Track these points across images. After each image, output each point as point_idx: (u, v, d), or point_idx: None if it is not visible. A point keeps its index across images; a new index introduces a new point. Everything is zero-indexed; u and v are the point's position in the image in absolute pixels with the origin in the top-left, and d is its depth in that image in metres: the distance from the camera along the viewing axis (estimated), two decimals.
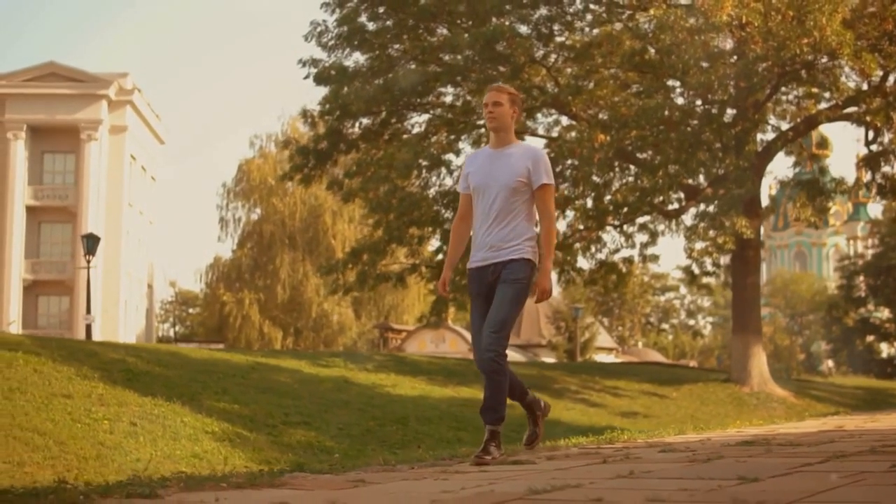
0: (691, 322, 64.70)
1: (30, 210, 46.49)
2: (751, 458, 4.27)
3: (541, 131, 21.06)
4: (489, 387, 4.69)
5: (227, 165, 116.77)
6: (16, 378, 9.88)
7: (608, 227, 20.07)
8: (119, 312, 46.74)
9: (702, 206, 17.82)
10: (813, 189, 18.90)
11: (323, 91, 18.62)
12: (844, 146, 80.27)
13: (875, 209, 54.06)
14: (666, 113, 16.07)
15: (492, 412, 4.70)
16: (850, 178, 21.70)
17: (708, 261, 20.19)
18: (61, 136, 46.60)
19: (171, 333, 62.23)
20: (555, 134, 20.95)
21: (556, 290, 27.71)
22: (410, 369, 15.48)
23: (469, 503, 2.99)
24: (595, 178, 18.24)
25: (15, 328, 42.19)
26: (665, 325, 64.02)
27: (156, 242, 53.49)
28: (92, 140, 46.33)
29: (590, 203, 19.17)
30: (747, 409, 17.04)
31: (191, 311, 65.46)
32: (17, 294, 46.28)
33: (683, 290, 62.60)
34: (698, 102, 17.83)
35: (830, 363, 53.09)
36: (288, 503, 3.07)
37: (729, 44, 16.66)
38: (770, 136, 20.08)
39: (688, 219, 19.65)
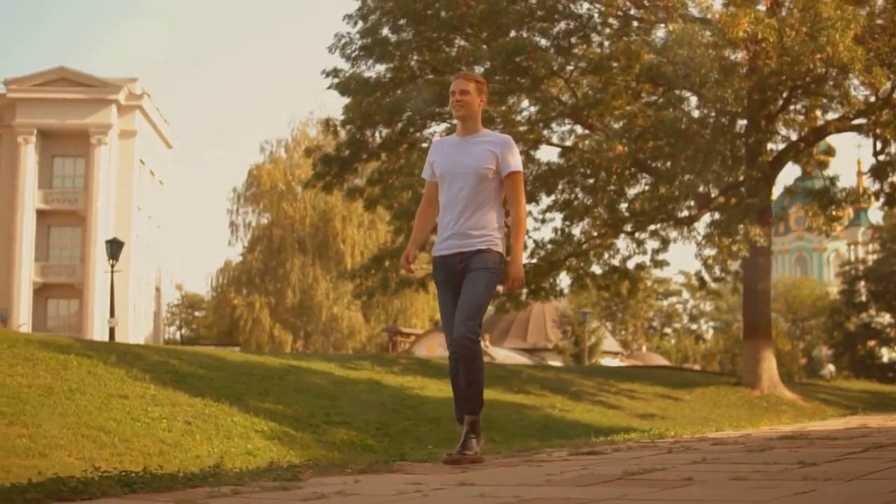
0: (693, 326, 65.35)
1: (40, 213, 46.91)
2: (800, 449, 4.78)
3: (555, 140, 21.63)
4: (465, 374, 4.60)
5: (232, 169, 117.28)
6: (73, 379, 10.40)
7: (621, 235, 20.63)
8: (128, 316, 47.19)
9: (716, 215, 18.39)
10: (824, 198, 19.49)
11: (335, 97, 19.18)
12: (846, 152, 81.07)
13: (876, 214, 54.59)
14: (683, 125, 16.63)
15: (470, 402, 4.66)
16: (852, 183, 22.25)
17: (717, 267, 20.78)
18: (71, 140, 47.02)
19: (178, 336, 62.75)
20: (568, 143, 21.53)
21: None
22: (435, 372, 16.00)
23: (579, 482, 3.51)
24: (611, 186, 18.80)
25: (25, 331, 42.60)
26: (668, 330, 64.63)
27: (163, 246, 53.98)
28: (102, 144, 46.79)
29: (605, 212, 19.68)
30: (758, 411, 17.55)
31: (196, 314, 66.00)
32: (26, 297, 46.70)
33: (686, 294, 63.24)
34: (712, 114, 18.39)
35: (831, 367, 53.59)
36: (423, 483, 3.58)
37: (740, 56, 17.20)
38: (780, 145, 20.67)
39: (700, 226, 20.26)
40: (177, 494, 3.33)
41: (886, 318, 46.73)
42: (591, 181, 18.55)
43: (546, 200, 20.30)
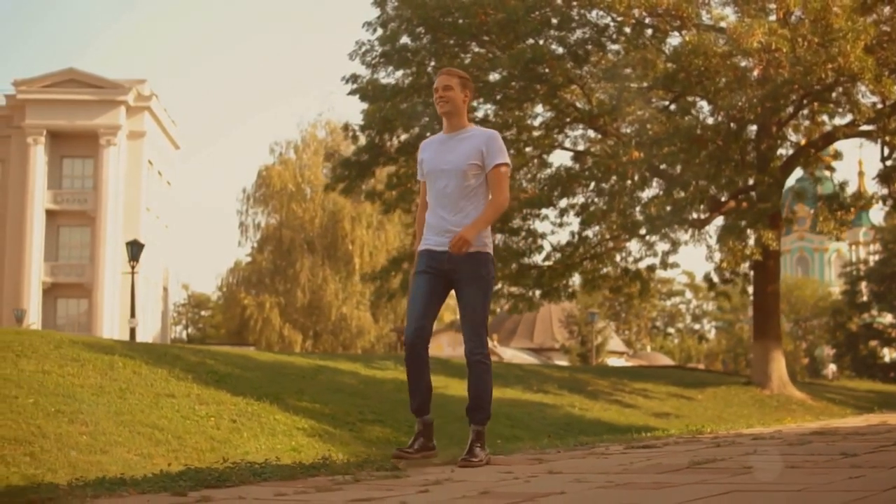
0: (696, 326, 66.01)
1: (49, 214, 47.36)
2: (836, 443, 5.25)
3: (567, 144, 22.11)
4: (476, 386, 4.74)
5: (235, 169, 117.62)
6: (121, 379, 10.86)
7: (634, 239, 21.13)
8: (138, 315, 47.60)
9: (727, 218, 18.90)
10: (834, 203, 19.99)
11: (344, 99, 19.62)
12: (847, 152, 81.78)
13: (877, 215, 55.08)
14: (698, 131, 17.14)
15: (479, 412, 4.79)
16: (853, 183, 22.64)
17: (727, 271, 21.28)
18: (80, 141, 47.47)
19: (184, 336, 63.26)
20: (580, 147, 22.04)
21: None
22: (456, 372, 16.42)
23: (654, 470, 3.97)
24: (626, 191, 19.29)
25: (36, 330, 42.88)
26: (671, 330, 65.26)
27: (170, 246, 54.45)
28: (111, 145, 47.24)
29: (620, 217, 20.13)
30: (769, 410, 18.02)
31: (203, 313, 66.54)
32: (36, 296, 47.16)
33: (689, 294, 63.86)
34: (724, 120, 18.88)
35: (833, 367, 54.12)
36: (514, 472, 4.05)
37: (752, 64, 17.69)
38: (789, 151, 21.17)
39: (710, 229, 20.77)
40: (305, 482, 3.79)
41: (888, 318, 47.29)
42: (607, 185, 19.06)
43: (562, 203, 20.77)
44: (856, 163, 57.13)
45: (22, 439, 8.42)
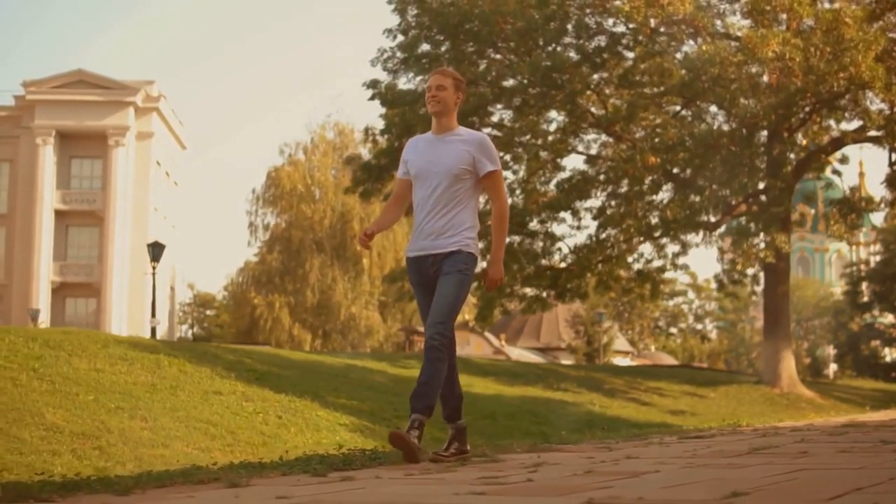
0: (699, 326, 66.58)
1: (58, 214, 47.70)
2: (870, 433, 5.76)
3: (580, 148, 22.64)
4: (426, 371, 4.59)
5: (236, 169, 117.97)
6: (170, 377, 11.34)
7: (649, 241, 21.68)
8: (145, 314, 48.03)
9: (743, 221, 19.47)
10: (844, 206, 20.56)
11: (351, 100, 20.10)
12: (849, 156, 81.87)
13: (877, 216, 55.54)
14: (713, 139, 17.70)
15: (423, 398, 4.64)
16: (854, 183, 23.10)
17: (736, 273, 21.85)
18: (89, 141, 47.83)
19: (190, 335, 63.68)
20: (593, 151, 22.57)
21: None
22: (477, 370, 16.98)
23: (721, 455, 4.47)
24: (643, 195, 19.86)
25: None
26: (673, 330, 65.82)
27: (176, 246, 54.84)
28: (119, 146, 47.63)
29: (636, 221, 20.64)
30: (780, 408, 18.54)
31: (208, 312, 66.99)
32: (45, 296, 47.53)
33: (691, 294, 64.43)
34: (737, 126, 19.43)
35: (834, 367, 54.64)
36: (596, 457, 4.55)
37: (766, 72, 18.25)
38: (798, 155, 21.71)
39: (719, 231, 21.33)
40: (418, 465, 4.30)
41: (889, 318, 47.82)
42: (624, 190, 19.63)
43: (575, 206, 21.27)
44: (857, 165, 57.62)
45: (89, 434, 8.91)
